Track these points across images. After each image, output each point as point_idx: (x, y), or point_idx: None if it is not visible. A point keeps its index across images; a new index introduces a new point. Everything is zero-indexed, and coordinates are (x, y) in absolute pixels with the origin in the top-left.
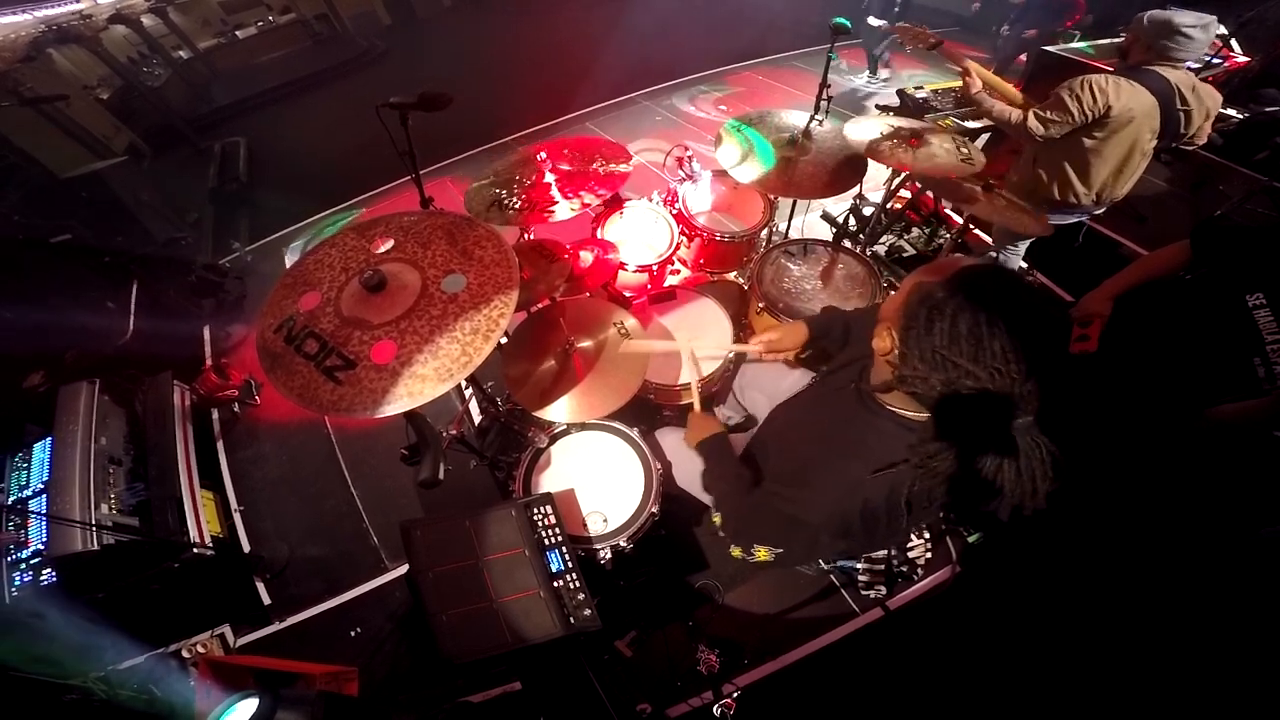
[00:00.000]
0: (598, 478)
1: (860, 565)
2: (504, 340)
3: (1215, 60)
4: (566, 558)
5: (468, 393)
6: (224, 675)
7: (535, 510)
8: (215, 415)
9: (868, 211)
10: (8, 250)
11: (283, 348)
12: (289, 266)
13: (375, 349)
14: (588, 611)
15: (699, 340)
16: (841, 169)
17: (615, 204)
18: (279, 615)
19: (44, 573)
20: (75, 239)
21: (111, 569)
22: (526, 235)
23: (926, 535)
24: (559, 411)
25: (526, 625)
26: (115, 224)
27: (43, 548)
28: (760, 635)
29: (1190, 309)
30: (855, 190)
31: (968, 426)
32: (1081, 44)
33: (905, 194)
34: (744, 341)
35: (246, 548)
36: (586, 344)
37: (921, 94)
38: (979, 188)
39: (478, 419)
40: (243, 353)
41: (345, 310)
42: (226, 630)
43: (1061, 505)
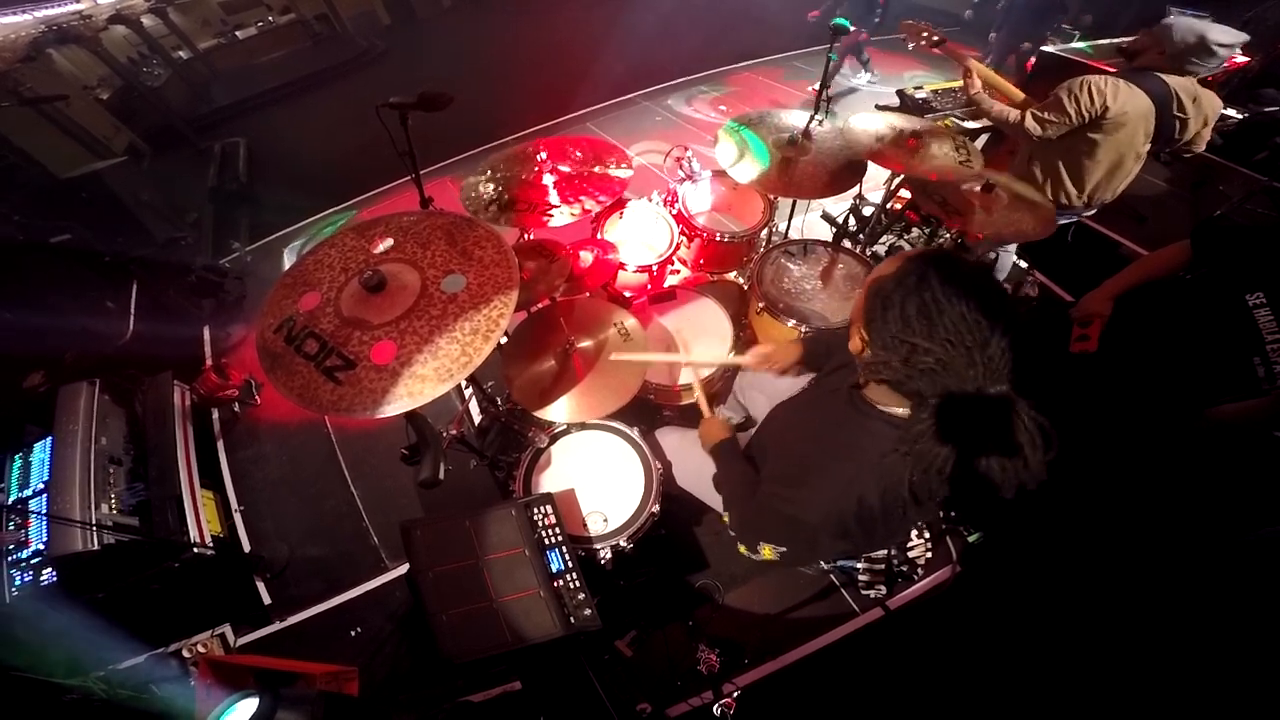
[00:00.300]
0: (598, 478)
1: (860, 565)
2: (504, 340)
3: None
4: (566, 557)
5: (468, 393)
6: (224, 675)
7: (535, 510)
8: (215, 415)
9: (867, 211)
10: (8, 250)
11: (283, 348)
12: (289, 267)
13: (375, 349)
14: (588, 611)
15: (696, 345)
16: (841, 169)
17: (615, 204)
18: (279, 615)
19: (44, 573)
20: (75, 239)
21: (111, 569)
22: (526, 235)
23: (926, 535)
24: (559, 411)
25: (526, 625)
26: (115, 224)
27: (43, 548)
28: (760, 635)
29: (1190, 309)
30: (855, 190)
31: (941, 403)
32: (1081, 44)
33: (905, 194)
34: (742, 349)
35: (247, 548)
36: (586, 344)
37: (921, 94)
38: (978, 187)
39: (478, 419)
40: (243, 353)
41: (345, 310)
42: (226, 630)
43: (1062, 505)
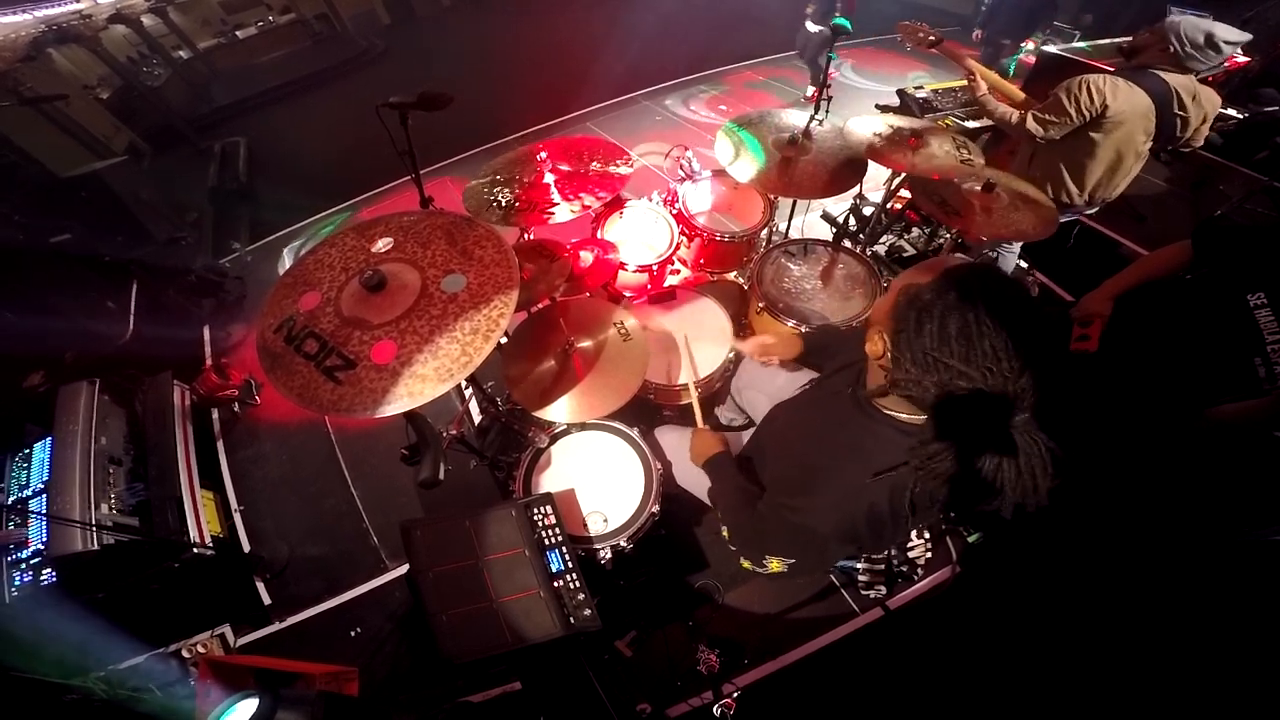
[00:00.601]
0: (598, 478)
1: (860, 565)
2: (504, 340)
3: None
4: (566, 558)
5: (468, 393)
6: (224, 675)
7: (535, 510)
8: (215, 415)
9: (868, 211)
10: (7, 250)
11: (283, 348)
12: (288, 266)
13: (375, 349)
14: (588, 611)
15: (696, 346)
16: (841, 169)
17: (615, 204)
18: (279, 615)
19: (44, 573)
20: (75, 239)
21: (111, 569)
22: (526, 235)
23: (926, 535)
24: (559, 411)
25: (526, 625)
26: (115, 224)
27: (43, 548)
28: (760, 635)
29: (1191, 309)
30: (855, 190)
31: (965, 427)
32: (1081, 44)
33: (905, 194)
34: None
35: (246, 547)
36: (586, 344)
37: (922, 94)
38: (979, 187)
39: (478, 419)
40: (243, 353)
41: (345, 310)
42: (226, 630)
43: (1062, 505)
